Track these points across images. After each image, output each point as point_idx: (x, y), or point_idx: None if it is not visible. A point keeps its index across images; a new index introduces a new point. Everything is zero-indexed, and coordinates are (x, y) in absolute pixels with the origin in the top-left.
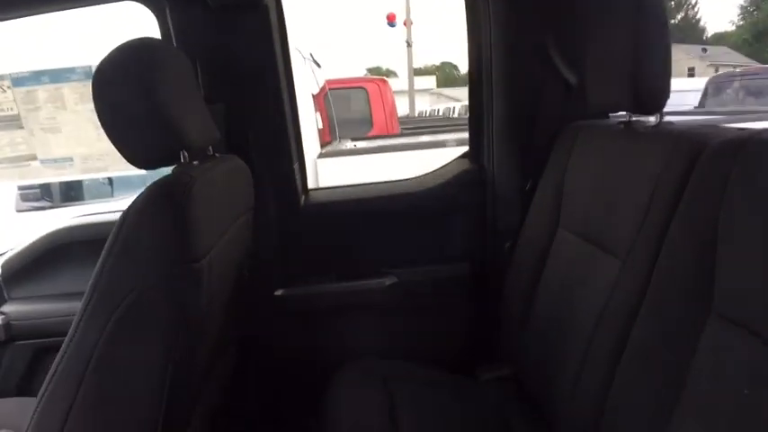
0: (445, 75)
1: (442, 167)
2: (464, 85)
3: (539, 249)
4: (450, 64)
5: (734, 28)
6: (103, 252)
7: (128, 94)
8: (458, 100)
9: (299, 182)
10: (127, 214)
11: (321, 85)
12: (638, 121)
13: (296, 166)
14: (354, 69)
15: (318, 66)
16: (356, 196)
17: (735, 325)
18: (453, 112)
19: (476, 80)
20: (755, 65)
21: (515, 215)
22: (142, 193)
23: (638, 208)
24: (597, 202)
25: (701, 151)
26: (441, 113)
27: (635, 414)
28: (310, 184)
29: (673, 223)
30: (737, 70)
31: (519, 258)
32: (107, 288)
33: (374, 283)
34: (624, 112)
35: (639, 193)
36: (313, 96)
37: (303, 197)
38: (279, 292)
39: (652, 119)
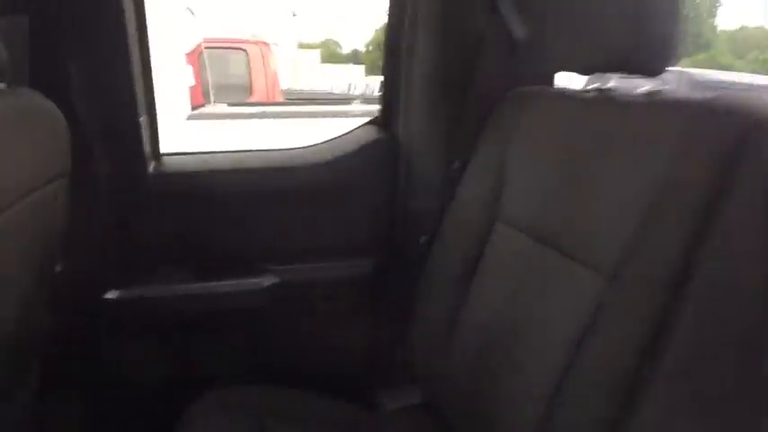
0: (329, 51)
1: (341, 135)
2: (347, 62)
3: (468, 247)
4: (333, 41)
5: None
6: None
7: None
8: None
9: (146, 142)
10: None
11: (196, 40)
12: (613, 89)
13: (143, 119)
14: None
15: (192, 14)
16: (228, 166)
17: None
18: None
19: (395, 24)
20: None
21: (436, 202)
22: None
23: (632, 207)
24: (559, 192)
25: (751, 133)
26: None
27: None
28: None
29: (710, 237)
30: None
31: (439, 257)
32: None
33: (248, 283)
34: (590, 78)
35: (633, 185)
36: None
37: (152, 163)
38: (111, 295)
39: (646, 86)
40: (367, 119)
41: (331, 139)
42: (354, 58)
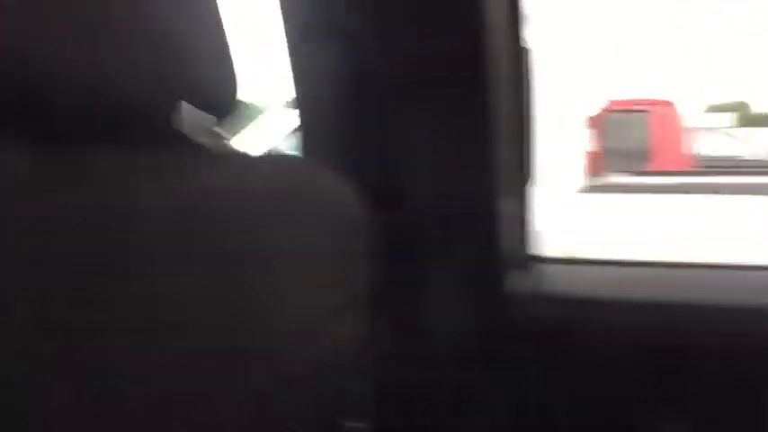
0: (739, 113)
1: None
2: (763, 125)
3: None
4: (743, 102)
5: None
6: None
7: None
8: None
9: (510, 241)
10: None
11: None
12: None
13: (509, 208)
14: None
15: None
16: (648, 290)
17: None
18: None
19: None
20: None
21: None
22: None
23: None
24: None
25: None
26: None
27: None
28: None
29: None
30: None
31: None
32: None
33: None
34: None
35: None
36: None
37: (517, 275)
38: None
39: None
40: None
41: None
42: None
